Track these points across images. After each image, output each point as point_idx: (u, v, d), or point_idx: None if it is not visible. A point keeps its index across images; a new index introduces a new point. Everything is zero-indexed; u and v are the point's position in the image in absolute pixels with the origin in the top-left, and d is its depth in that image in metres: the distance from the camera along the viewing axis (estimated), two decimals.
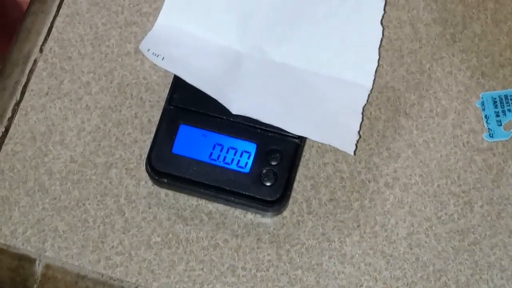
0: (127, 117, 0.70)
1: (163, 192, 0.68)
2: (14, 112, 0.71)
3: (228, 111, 0.67)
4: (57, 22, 0.74)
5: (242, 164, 0.66)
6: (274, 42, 0.69)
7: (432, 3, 0.72)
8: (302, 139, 0.67)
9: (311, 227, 0.66)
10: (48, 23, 0.74)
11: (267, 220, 0.67)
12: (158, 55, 0.69)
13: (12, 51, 0.74)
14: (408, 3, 0.72)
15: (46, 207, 0.68)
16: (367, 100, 0.68)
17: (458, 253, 0.65)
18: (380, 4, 0.69)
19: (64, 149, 0.70)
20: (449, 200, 0.67)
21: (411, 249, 0.65)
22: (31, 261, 0.67)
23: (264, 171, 0.66)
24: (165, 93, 0.70)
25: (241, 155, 0.66)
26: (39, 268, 0.67)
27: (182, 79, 0.67)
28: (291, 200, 0.67)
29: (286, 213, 0.67)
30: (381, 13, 0.69)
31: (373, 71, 0.69)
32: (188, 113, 0.68)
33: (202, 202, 0.67)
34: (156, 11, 0.73)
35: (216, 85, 0.67)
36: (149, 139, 0.69)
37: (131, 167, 0.69)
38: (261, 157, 0.66)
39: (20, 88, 0.72)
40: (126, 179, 0.69)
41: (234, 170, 0.66)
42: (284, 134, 0.66)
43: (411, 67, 0.70)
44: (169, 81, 0.69)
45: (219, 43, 0.70)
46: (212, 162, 0.66)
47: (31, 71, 0.73)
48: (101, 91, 0.71)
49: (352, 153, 0.66)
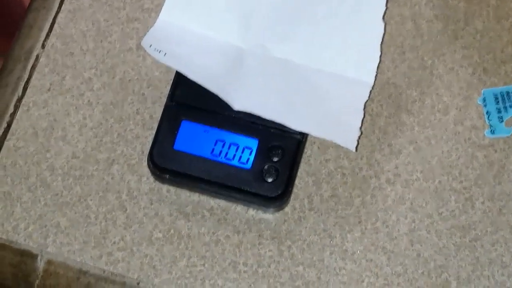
0: (129, 113, 0.71)
1: (164, 188, 0.68)
2: (16, 108, 0.71)
3: (230, 107, 0.67)
4: (59, 18, 0.74)
5: (243, 160, 0.66)
6: (276, 39, 0.69)
7: None
8: (303, 135, 0.67)
9: (313, 223, 0.67)
10: (50, 19, 0.74)
11: (268, 216, 0.67)
12: (160, 51, 0.69)
13: (14, 47, 0.74)
14: None
15: (48, 202, 0.68)
16: (369, 97, 0.68)
17: (459, 249, 0.65)
18: (382, 0, 0.69)
19: (66, 145, 0.70)
20: (450, 196, 0.67)
21: (412, 245, 0.66)
22: (33, 256, 0.67)
23: (266, 167, 0.66)
24: (167, 89, 0.70)
25: (243, 151, 0.66)
26: (41, 263, 0.67)
27: (184, 75, 0.67)
28: (292, 196, 0.67)
29: (287, 209, 0.67)
30: (383, 9, 0.69)
31: (375, 68, 0.69)
32: (189, 109, 0.68)
33: (204, 198, 0.68)
34: (158, 7, 0.73)
35: (218, 81, 0.67)
36: (151, 135, 0.69)
37: (133, 163, 0.69)
38: (262, 153, 0.66)
39: (22, 84, 0.72)
40: (128, 175, 0.69)
41: (236, 166, 0.66)
42: (285, 131, 0.66)
43: (413, 63, 0.71)
44: (171, 77, 0.70)
45: (221, 39, 0.70)
46: (214, 158, 0.66)
47: (33, 67, 0.73)
48: (103, 87, 0.72)
49: (354, 150, 0.66)
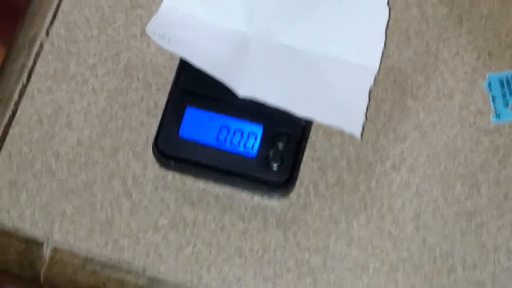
0: (133, 100, 0.70)
1: (170, 175, 0.68)
2: (21, 95, 0.71)
3: (235, 94, 0.66)
4: (63, 5, 0.74)
5: (249, 146, 0.66)
6: (281, 25, 0.69)
7: None
8: (308, 121, 0.67)
9: (318, 209, 0.67)
10: (54, 6, 0.74)
11: (274, 202, 0.67)
12: (164, 37, 0.68)
13: (18, 34, 0.73)
14: None
15: (53, 190, 0.68)
16: (374, 82, 0.68)
17: (465, 235, 0.65)
18: None
19: (71, 132, 0.70)
20: (456, 181, 0.67)
21: (418, 230, 0.66)
22: (38, 244, 0.67)
23: (271, 153, 0.66)
24: (171, 75, 0.70)
25: (248, 137, 0.66)
26: (46, 251, 0.67)
27: (188, 61, 0.67)
28: (297, 182, 0.67)
29: (293, 195, 0.67)
30: None
31: (380, 53, 0.68)
32: (194, 95, 0.68)
33: (209, 185, 0.68)
34: None
35: (222, 67, 0.67)
36: (155, 122, 0.69)
37: (138, 150, 0.69)
38: (267, 139, 0.66)
39: (27, 71, 0.72)
40: (133, 162, 0.69)
41: (241, 153, 0.66)
42: (290, 117, 0.66)
43: (418, 48, 0.70)
44: (176, 63, 0.69)
45: (225, 25, 0.69)
46: (219, 144, 0.66)
47: (37, 54, 0.72)
48: (108, 73, 0.71)
49: (359, 135, 0.65)
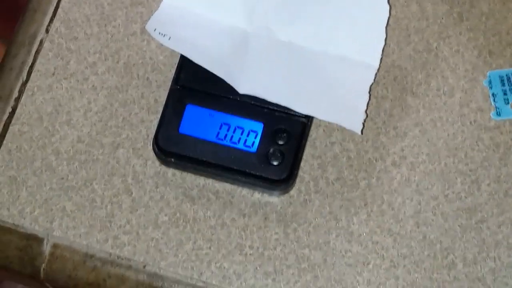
0: (133, 97, 0.70)
1: (170, 171, 0.68)
2: (21, 92, 0.71)
3: (235, 91, 0.67)
4: (63, 3, 0.74)
5: (249, 143, 0.66)
6: (281, 22, 0.69)
7: None
8: (309, 118, 0.67)
9: (318, 206, 0.67)
10: (54, 3, 0.74)
11: (274, 199, 0.67)
12: (164, 35, 0.69)
13: (18, 31, 0.73)
14: None
15: (53, 187, 0.68)
16: (374, 79, 0.68)
17: (465, 231, 0.65)
18: None
19: (71, 129, 0.70)
20: (456, 178, 0.67)
21: (418, 227, 0.66)
22: (39, 240, 0.67)
23: (271, 150, 0.66)
24: (171, 73, 0.70)
25: (248, 134, 0.66)
26: (47, 247, 0.67)
27: (188, 59, 0.67)
28: (298, 179, 0.67)
29: (293, 192, 0.67)
30: None
31: (380, 50, 0.68)
32: (194, 93, 0.68)
33: (209, 181, 0.68)
34: None
35: (223, 64, 0.67)
36: (156, 119, 0.69)
37: (138, 147, 0.69)
38: (268, 136, 0.66)
39: (27, 68, 0.72)
40: (133, 159, 0.69)
41: (241, 150, 0.66)
42: (291, 114, 0.66)
43: (418, 46, 0.70)
44: (176, 61, 0.69)
45: (226, 22, 0.70)
46: (219, 141, 0.66)
47: (37, 52, 0.72)
48: (108, 71, 0.71)
49: (360, 132, 0.66)
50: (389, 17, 0.69)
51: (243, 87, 0.67)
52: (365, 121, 0.67)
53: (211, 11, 0.70)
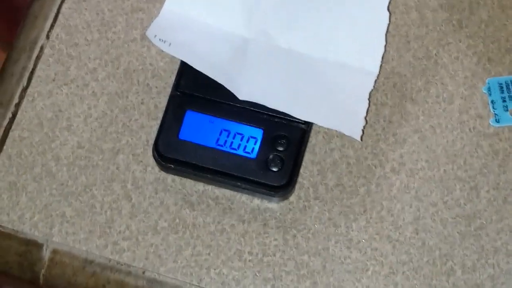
0: (133, 103, 0.71)
1: (170, 177, 0.68)
2: (21, 98, 0.72)
3: (235, 97, 0.67)
4: (64, 9, 0.74)
5: (248, 149, 0.66)
6: (281, 28, 0.69)
7: None
8: (308, 124, 0.67)
9: (318, 212, 0.67)
10: (55, 9, 0.74)
11: (273, 205, 0.67)
12: (165, 41, 0.69)
13: (19, 37, 0.74)
14: None
15: (53, 192, 0.68)
16: (374, 86, 0.68)
17: (464, 238, 0.65)
18: None
19: (71, 135, 0.70)
20: (455, 185, 0.67)
21: (417, 234, 0.66)
22: (38, 246, 0.67)
23: (271, 156, 0.66)
24: (171, 79, 0.70)
25: (248, 140, 0.66)
26: (46, 253, 0.67)
27: (188, 65, 0.68)
28: (297, 185, 0.67)
29: (292, 198, 0.67)
30: None
31: (380, 57, 0.69)
32: (194, 99, 0.68)
33: (209, 187, 0.68)
34: None
35: (223, 70, 0.67)
36: (155, 125, 0.69)
37: (138, 153, 0.69)
38: (267, 142, 0.66)
39: (27, 74, 0.72)
40: (133, 164, 0.69)
41: (241, 156, 0.66)
42: (290, 120, 0.66)
43: (418, 52, 0.70)
44: (176, 67, 0.70)
45: (225, 29, 0.70)
46: (219, 147, 0.66)
47: (38, 57, 0.73)
48: (108, 77, 0.72)
49: (359, 139, 0.66)
50: (388, 24, 0.69)
51: (243, 93, 0.67)
52: (364, 127, 0.67)
53: (211, 17, 0.70)
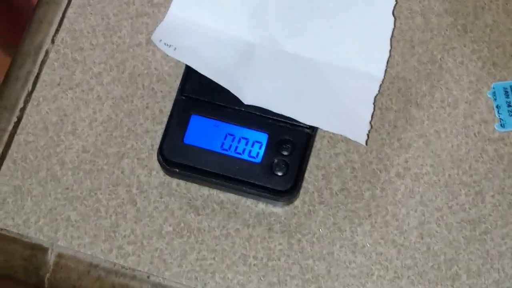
0: (138, 107, 0.71)
1: (174, 182, 0.68)
2: (26, 102, 0.72)
3: (240, 101, 0.67)
4: (69, 13, 0.74)
5: (253, 154, 0.66)
6: (286, 33, 0.69)
7: None
8: (313, 129, 0.67)
9: (322, 216, 0.67)
10: (60, 13, 0.74)
11: (278, 209, 0.67)
12: (170, 45, 0.69)
13: (24, 41, 0.74)
14: None
15: (58, 196, 0.69)
16: (379, 91, 0.68)
17: (469, 243, 0.65)
18: None
19: (76, 139, 0.70)
20: (460, 190, 0.67)
21: (422, 238, 0.66)
22: (43, 250, 0.67)
23: (276, 161, 0.66)
24: (176, 83, 0.70)
25: (253, 145, 0.66)
26: (51, 257, 0.67)
27: (193, 69, 0.68)
28: (302, 190, 0.67)
29: (297, 202, 0.67)
30: (393, 4, 0.69)
31: (385, 62, 0.69)
32: (199, 103, 0.68)
33: (214, 191, 0.68)
34: (168, 2, 0.73)
35: (228, 75, 0.68)
36: (160, 129, 0.69)
37: (142, 157, 0.69)
38: (272, 147, 0.66)
39: (32, 78, 0.72)
40: (138, 169, 0.69)
41: (246, 160, 0.66)
42: (295, 124, 0.66)
43: (422, 57, 0.71)
44: (181, 71, 0.70)
45: (231, 33, 0.70)
46: (224, 152, 0.66)
47: (43, 62, 0.73)
48: (113, 81, 0.72)
49: (364, 143, 0.66)
50: (393, 29, 0.69)
51: (248, 97, 0.67)
52: (369, 132, 0.67)
53: (216, 22, 0.70)
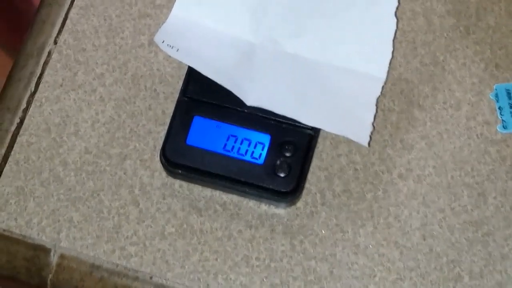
0: (141, 108, 0.71)
1: (177, 183, 0.68)
2: (29, 103, 0.72)
3: (242, 103, 0.67)
4: (71, 14, 0.74)
5: (256, 155, 0.66)
6: (288, 34, 0.70)
7: None
8: (316, 130, 0.67)
9: (325, 218, 0.67)
10: (63, 14, 0.74)
11: (280, 211, 0.67)
12: (172, 46, 0.69)
13: (26, 42, 0.74)
14: None
15: (61, 197, 0.69)
16: (381, 92, 0.68)
17: (471, 244, 0.65)
18: None
19: (78, 140, 0.70)
20: (462, 191, 0.67)
21: (424, 240, 0.66)
22: (46, 251, 0.67)
23: (278, 162, 0.66)
24: (179, 84, 0.70)
25: (255, 146, 0.66)
26: (54, 258, 0.67)
27: (196, 70, 0.68)
28: (304, 191, 0.67)
29: (299, 204, 0.67)
30: (395, 5, 0.69)
31: (387, 63, 0.69)
32: (202, 104, 0.68)
33: (216, 193, 0.68)
34: (170, 3, 0.73)
35: (230, 76, 0.68)
36: (163, 130, 0.69)
37: (145, 158, 0.69)
38: (275, 148, 0.66)
39: (35, 79, 0.72)
40: (140, 170, 0.69)
41: (248, 161, 0.66)
42: (298, 126, 0.66)
43: (425, 59, 0.71)
44: (183, 72, 0.70)
45: (233, 34, 0.70)
46: (226, 153, 0.66)
47: (46, 63, 0.73)
48: (115, 82, 0.72)
49: (366, 145, 0.66)
50: (396, 30, 0.69)
51: (251, 99, 0.67)
52: (372, 133, 0.67)
53: (218, 23, 0.70)
